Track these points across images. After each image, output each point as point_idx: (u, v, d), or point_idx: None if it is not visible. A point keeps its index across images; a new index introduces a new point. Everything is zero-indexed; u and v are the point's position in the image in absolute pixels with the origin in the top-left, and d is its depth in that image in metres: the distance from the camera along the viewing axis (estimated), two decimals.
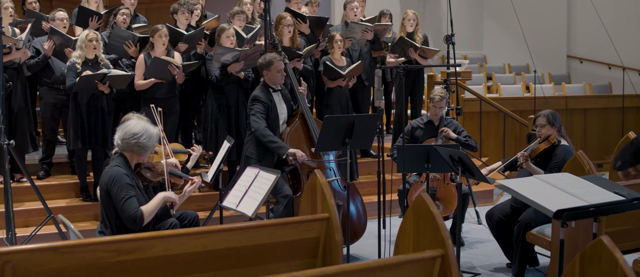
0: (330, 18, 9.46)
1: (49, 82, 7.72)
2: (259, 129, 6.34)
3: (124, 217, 4.74)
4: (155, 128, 5.02)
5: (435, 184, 6.83)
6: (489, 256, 6.65)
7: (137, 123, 4.89)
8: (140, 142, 4.84)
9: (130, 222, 4.73)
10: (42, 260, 3.48)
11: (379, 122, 5.97)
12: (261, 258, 4.09)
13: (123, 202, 4.70)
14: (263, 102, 6.42)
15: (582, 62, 14.52)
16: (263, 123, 6.37)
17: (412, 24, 8.93)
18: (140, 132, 4.84)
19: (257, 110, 6.40)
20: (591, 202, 3.88)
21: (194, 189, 5.41)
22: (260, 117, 6.38)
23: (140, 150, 4.88)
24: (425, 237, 3.59)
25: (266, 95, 6.47)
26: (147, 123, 4.95)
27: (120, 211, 4.74)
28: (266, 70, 6.50)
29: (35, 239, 6.65)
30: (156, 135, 4.97)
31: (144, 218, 4.75)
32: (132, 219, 4.70)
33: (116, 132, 4.93)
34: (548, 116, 6.16)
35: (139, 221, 4.72)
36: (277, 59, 6.50)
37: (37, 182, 7.35)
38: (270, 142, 6.33)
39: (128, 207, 4.70)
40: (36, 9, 8.60)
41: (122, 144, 4.87)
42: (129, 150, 4.88)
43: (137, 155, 4.92)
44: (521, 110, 10.71)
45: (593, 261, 2.87)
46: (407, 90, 9.09)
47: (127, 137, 4.84)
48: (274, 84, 6.56)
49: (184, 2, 8.18)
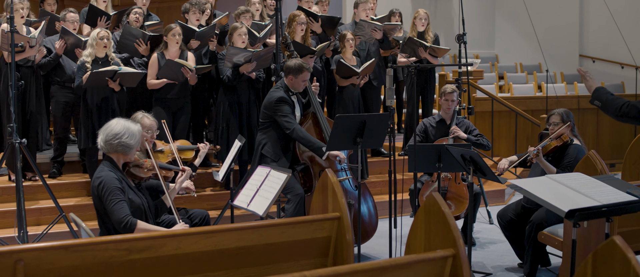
0: (341, 17, 9.44)
1: (61, 81, 7.77)
2: (296, 130, 6.31)
3: (113, 220, 4.75)
4: (137, 125, 5.04)
5: (446, 184, 6.81)
6: (501, 256, 6.63)
7: (117, 123, 4.91)
8: (123, 141, 4.86)
9: (119, 227, 4.74)
10: (53, 258, 3.49)
11: (390, 122, 5.95)
12: (272, 257, 4.08)
13: (112, 205, 4.72)
14: (289, 103, 6.41)
15: (594, 61, 14.46)
16: (296, 124, 6.36)
17: (423, 23, 8.91)
18: (121, 132, 4.86)
19: (286, 111, 6.36)
20: (603, 202, 3.86)
21: (185, 179, 5.45)
22: (292, 118, 6.37)
23: (125, 149, 4.90)
24: (436, 237, 3.57)
25: (288, 96, 6.47)
26: (127, 121, 4.97)
27: (110, 214, 4.75)
28: (293, 76, 6.45)
29: (46, 238, 6.68)
30: (138, 132, 4.99)
31: (136, 229, 4.73)
32: (122, 224, 4.71)
33: (98, 136, 4.96)
34: (562, 114, 6.16)
35: (130, 228, 4.72)
36: (306, 69, 6.47)
37: (49, 181, 7.38)
38: (310, 143, 6.32)
39: (118, 212, 4.72)
40: (54, 11, 8.64)
41: (106, 146, 4.89)
42: (114, 151, 4.91)
43: (123, 154, 4.94)
44: (533, 110, 10.68)
45: (605, 262, 2.85)
46: (418, 89, 9.08)
47: (110, 138, 4.86)
48: (295, 90, 6.55)
49: (196, 2, 8.19)
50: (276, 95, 6.42)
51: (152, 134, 5.71)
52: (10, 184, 7.46)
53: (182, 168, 5.45)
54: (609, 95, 4.97)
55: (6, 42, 6.74)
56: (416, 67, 6.72)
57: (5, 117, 7.46)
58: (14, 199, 6.65)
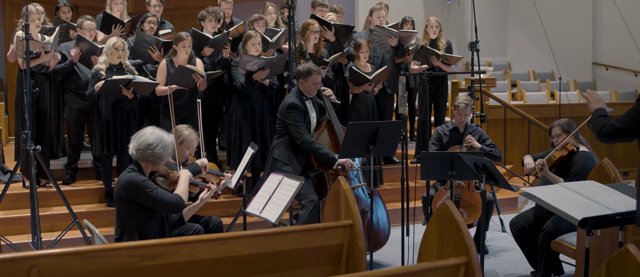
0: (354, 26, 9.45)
1: (75, 88, 7.81)
2: (305, 140, 6.32)
3: (164, 207, 4.83)
4: (170, 137, 5.04)
5: (459, 191, 6.81)
6: (513, 264, 6.61)
7: (152, 133, 4.91)
8: (155, 152, 4.86)
9: (172, 208, 4.85)
10: (67, 264, 3.50)
11: (403, 129, 5.95)
12: (285, 264, 4.09)
13: (155, 194, 4.77)
14: (300, 109, 6.40)
15: (607, 69, 14.41)
16: (306, 133, 6.36)
17: (434, 30, 8.91)
18: (154, 143, 4.86)
19: (297, 119, 6.36)
20: (617, 211, 3.85)
21: (209, 196, 5.44)
22: (302, 127, 6.37)
23: (156, 159, 4.91)
24: (449, 245, 3.57)
25: (301, 102, 6.47)
26: (162, 132, 4.97)
27: (155, 203, 4.79)
28: (303, 80, 6.47)
29: (60, 244, 6.72)
30: (171, 145, 4.99)
31: (184, 199, 4.89)
32: (173, 205, 4.83)
33: (131, 142, 4.96)
34: (563, 125, 6.18)
35: (181, 204, 4.86)
36: (315, 71, 6.47)
37: (63, 188, 7.43)
38: (319, 152, 6.32)
39: (163, 196, 4.79)
40: (69, 19, 8.70)
41: (137, 153, 4.90)
42: (144, 160, 4.91)
43: (152, 164, 4.95)
44: (546, 118, 10.64)
45: (619, 270, 2.84)
46: (431, 97, 9.06)
47: (142, 147, 4.86)
48: (308, 93, 6.55)
49: (212, 10, 8.22)
50: (288, 102, 6.44)
51: (191, 151, 5.73)
52: (24, 190, 7.50)
53: (208, 185, 5.44)
54: (597, 117, 4.63)
55: (21, 48, 6.78)
56: (429, 74, 6.72)
57: (20, 123, 7.51)
58: (28, 205, 6.68)
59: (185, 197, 4.92)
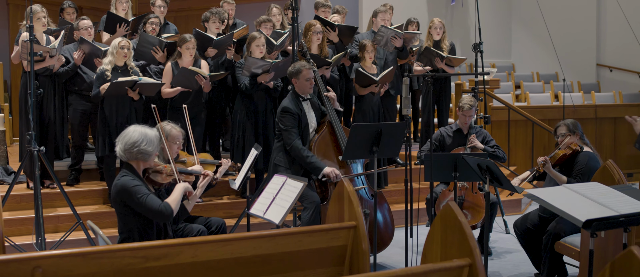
0: (358, 26, 9.45)
1: (79, 89, 7.81)
2: (294, 146, 6.28)
3: (151, 214, 4.79)
4: (153, 131, 5.05)
5: (463, 193, 6.80)
6: (517, 266, 6.60)
7: (134, 130, 4.92)
8: (141, 148, 4.87)
9: (159, 216, 4.80)
10: (71, 265, 3.51)
11: (407, 131, 5.95)
12: (288, 266, 4.09)
13: (143, 200, 4.75)
14: (293, 113, 6.35)
15: (611, 70, 14.39)
16: (296, 139, 6.30)
17: (438, 32, 8.91)
18: (139, 139, 4.88)
19: (288, 124, 6.32)
20: (621, 212, 3.84)
21: (206, 183, 5.43)
22: (293, 133, 6.31)
23: (144, 156, 4.92)
24: (452, 246, 3.57)
25: (296, 105, 6.42)
26: (144, 128, 4.98)
27: (144, 210, 4.78)
28: (295, 79, 6.47)
29: (64, 245, 6.73)
30: (156, 138, 4.99)
31: (173, 209, 4.84)
32: (159, 213, 4.78)
33: (116, 145, 4.97)
34: (568, 125, 6.19)
35: (168, 212, 4.81)
36: (305, 67, 6.45)
37: (67, 188, 7.43)
38: (306, 161, 6.27)
39: (151, 203, 4.77)
40: (73, 20, 8.71)
41: (126, 154, 4.91)
42: (134, 159, 4.92)
43: (142, 161, 4.96)
44: (550, 119, 10.63)
45: (623, 272, 2.84)
46: (434, 98, 9.06)
47: (128, 146, 4.87)
48: (303, 93, 6.52)
49: (216, 12, 8.23)
50: (282, 105, 6.43)
51: (179, 145, 5.74)
52: (28, 191, 7.52)
53: (204, 173, 5.45)
54: None
55: (25, 51, 6.79)
56: (432, 76, 6.72)
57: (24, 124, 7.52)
58: (32, 207, 6.70)
59: (175, 206, 4.89)
